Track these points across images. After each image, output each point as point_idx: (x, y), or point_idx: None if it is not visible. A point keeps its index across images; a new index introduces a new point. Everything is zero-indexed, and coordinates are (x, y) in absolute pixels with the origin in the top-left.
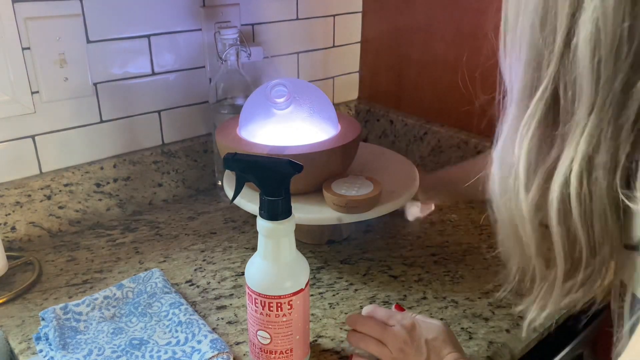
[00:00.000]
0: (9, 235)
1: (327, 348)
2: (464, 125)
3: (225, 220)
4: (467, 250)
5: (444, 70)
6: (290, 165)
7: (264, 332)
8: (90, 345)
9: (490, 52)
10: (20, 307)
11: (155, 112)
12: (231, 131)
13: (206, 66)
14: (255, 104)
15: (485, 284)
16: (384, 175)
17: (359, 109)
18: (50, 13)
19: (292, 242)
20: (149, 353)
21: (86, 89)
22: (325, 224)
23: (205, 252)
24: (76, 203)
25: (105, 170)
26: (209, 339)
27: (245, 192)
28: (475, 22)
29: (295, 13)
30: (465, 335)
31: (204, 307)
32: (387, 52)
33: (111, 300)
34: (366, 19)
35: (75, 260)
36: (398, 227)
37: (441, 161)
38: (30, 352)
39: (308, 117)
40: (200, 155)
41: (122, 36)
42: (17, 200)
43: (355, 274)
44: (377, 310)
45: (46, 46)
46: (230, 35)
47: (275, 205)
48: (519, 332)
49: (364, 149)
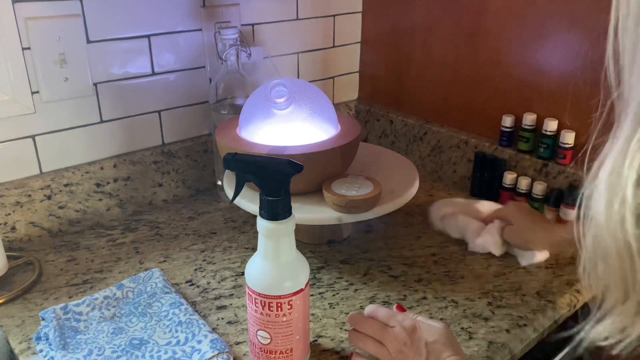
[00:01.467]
0: (9, 235)
1: (327, 348)
2: (464, 125)
3: (225, 220)
4: (467, 250)
5: (444, 70)
6: (290, 165)
7: (264, 332)
8: (90, 345)
9: (490, 53)
10: (20, 307)
11: (155, 112)
12: (231, 131)
13: (206, 66)
14: (255, 104)
15: (486, 283)
16: (384, 175)
17: (359, 109)
18: (50, 13)
19: (292, 242)
20: (149, 353)
21: (86, 89)
22: (325, 224)
23: (205, 252)
24: (76, 203)
25: (105, 170)
26: (209, 339)
27: (245, 192)
28: (475, 22)
29: (295, 13)
30: (465, 335)
31: (204, 307)
32: (387, 52)
33: (111, 300)
34: (366, 19)
35: (75, 260)
36: (398, 227)
37: (441, 161)
38: (31, 352)
39: (308, 117)
40: (200, 155)
41: (122, 36)
42: (17, 200)
43: (355, 274)
44: (378, 311)
45: (46, 46)
46: (230, 35)
47: (275, 205)
48: (519, 332)
49: (364, 149)
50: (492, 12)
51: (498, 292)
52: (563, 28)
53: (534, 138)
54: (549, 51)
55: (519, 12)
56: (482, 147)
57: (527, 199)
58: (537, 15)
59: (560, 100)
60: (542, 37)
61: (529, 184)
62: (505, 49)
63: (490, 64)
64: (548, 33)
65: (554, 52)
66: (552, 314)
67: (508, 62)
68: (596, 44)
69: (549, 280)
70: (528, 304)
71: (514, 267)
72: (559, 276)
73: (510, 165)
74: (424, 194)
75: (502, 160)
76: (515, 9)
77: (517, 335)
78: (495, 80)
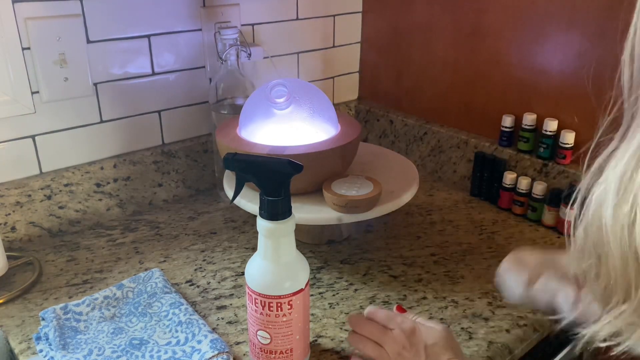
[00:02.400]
0: (9, 235)
1: (327, 348)
2: (464, 125)
3: (225, 220)
4: (467, 250)
5: (444, 70)
6: (290, 165)
7: (264, 332)
8: (90, 345)
9: (490, 53)
10: (20, 307)
11: (155, 112)
12: (231, 131)
13: (206, 66)
14: (255, 104)
15: (486, 283)
16: (384, 175)
17: (359, 109)
18: (50, 13)
19: (292, 242)
20: (149, 353)
21: (86, 89)
22: (325, 224)
23: (205, 252)
24: (76, 203)
25: (105, 170)
26: (209, 339)
27: (245, 192)
28: (475, 22)
29: (295, 13)
30: (465, 335)
31: (204, 307)
32: (387, 52)
33: (111, 300)
34: (366, 19)
35: (75, 260)
36: (398, 227)
37: (441, 161)
38: (30, 352)
39: (308, 117)
40: (200, 155)
41: (122, 36)
42: (17, 200)
43: (355, 274)
44: (377, 313)
45: (46, 46)
46: (230, 35)
47: (275, 205)
48: (519, 332)
49: (364, 149)
50: (492, 12)
51: (498, 292)
52: (563, 28)
53: (534, 138)
54: (549, 51)
55: (519, 12)
56: (482, 147)
57: (527, 199)
58: (537, 15)
59: (560, 100)
60: (542, 37)
61: (529, 184)
62: (505, 49)
63: (490, 64)
64: (548, 33)
65: (554, 52)
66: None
67: (508, 62)
68: (596, 44)
69: None
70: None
71: None
72: None
73: (510, 165)
74: (424, 194)
75: (502, 160)
76: (515, 9)
77: (517, 335)
78: (495, 80)
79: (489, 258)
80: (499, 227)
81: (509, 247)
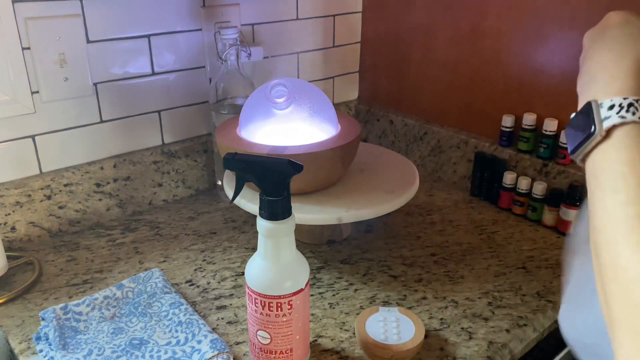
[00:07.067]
0: (9, 235)
1: (327, 348)
2: (464, 125)
3: (225, 220)
4: (467, 250)
5: (444, 70)
6: (290, 165)
7: (264, 332)
8: (90, 345)
9: (490, 53)
10: (20, 307)
11: (155, 112)
12: (231, 131)
13: (206, 66)
14: (255, 104)
15: (485, 283)
16: (384, 175)
17: (359, 109)
18: (50, 13)
19: (292, 242)
20: (149, 353)
21: (86, 89)
22: (325, 224)
23: (205, 252)
24: (76, 203)
25: (105, 170)
26: (209, 339)
27: (245, 192)
28: (475, 22)
29: (295, 13)
30: (465, 335)
31: (204, 307)
32: (387, 52)
33: (111, 300)
34: (366, 19)
35: (75, 260)
36: (398, 227)
37: (441, 161)
38: (30, 352)
39: (308, 117)
40: (200, 155)
41: (122, 36)
42: (17, 200)
43: (355, 274)
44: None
45: (46, 46)
46: (230, 35)
47: (275, 205)
48: (519, 332)
49: (364, 149)
50: (492, 12)
51: (498, 292)
52: (563, 28)
53: (534, 138)
54: (549, 51)
55: (519, 12)
56: (482, 147)
57: (527, 199)
58: (537, 15)
59: (560, 100)
60: (542, 37)
61: (529, 184)
62: (505, 49)
63: (490, 64)
64: (548, 33)
65: (554, 52)
66: (552, 314)
67: (508, 62)
68: None
69: (549, 280)
70: (528, 304)
71: (513, 267)
72: (559, 276)
73: (510, 165)
74: (424, 194)
75: (502, 160)
76: (515, 9)
77: (517, 335)
78: (495, 80)
79: (489, 258)
80: (499, 227)
81: (509, 247)
